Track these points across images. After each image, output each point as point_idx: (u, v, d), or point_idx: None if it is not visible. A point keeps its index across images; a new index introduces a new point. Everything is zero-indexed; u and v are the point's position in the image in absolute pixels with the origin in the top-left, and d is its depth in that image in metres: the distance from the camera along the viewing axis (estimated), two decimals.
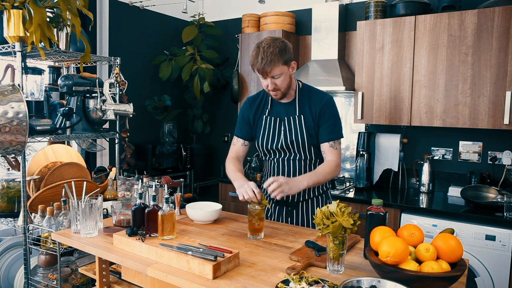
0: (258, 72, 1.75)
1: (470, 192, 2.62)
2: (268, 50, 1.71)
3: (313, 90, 1.93)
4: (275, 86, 1.78)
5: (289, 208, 1.96)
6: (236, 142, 2.00)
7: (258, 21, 3.61)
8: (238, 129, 2.01)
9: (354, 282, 1.10)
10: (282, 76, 1.76)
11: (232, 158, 1.97)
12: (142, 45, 3.74)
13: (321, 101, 1.87)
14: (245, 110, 1.99)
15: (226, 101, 4.11)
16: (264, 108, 1.95)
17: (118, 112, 2.42)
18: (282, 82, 1.78)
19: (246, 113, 1.98)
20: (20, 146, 1.84)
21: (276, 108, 1.93)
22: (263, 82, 1.80)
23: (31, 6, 1.91)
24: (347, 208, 1.31)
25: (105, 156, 3.43)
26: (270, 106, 1.94)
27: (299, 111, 1.88)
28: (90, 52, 2.18)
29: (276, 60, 1.71)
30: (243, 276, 1.27)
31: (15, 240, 2.41)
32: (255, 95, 2.02)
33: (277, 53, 1.71)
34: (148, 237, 1.49)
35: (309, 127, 1.86)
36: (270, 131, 1.91)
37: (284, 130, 1.88)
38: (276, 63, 1.72)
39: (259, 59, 1.72)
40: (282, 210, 1.98)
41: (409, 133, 3.13)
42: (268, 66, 1.71)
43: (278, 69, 1.74)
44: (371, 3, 2.98)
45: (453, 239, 1.18)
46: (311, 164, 1.91)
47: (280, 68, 1.74)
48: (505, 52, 2.45)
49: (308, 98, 1.89)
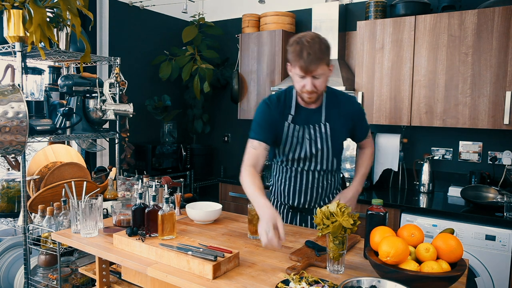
0: (300, 69, 1.56)
1: (470, 192, 2.62)
2: (314, 46, 1.54)
3: (338, 94, 1.79)
4: (313, 88, 1.60)
5: (303, 214, 1.89)
6: (257, 147, 1.69)
7: (258, 21, 3.61)
8: (258, 131, 1.72)
9: (354, 282, 1.10)
10: (322, 77, 1.60)
11: (249, 168, 1.66)
12: (142, 45, 3.74)
13: (353, 105, 1.79)
14: (269, 112, 1.74)
15: (226, 101, 4.11)
16: (286, 114, 1.74)
17: (118, 112, 2.42)
18: (321, 83, 1.61)
19: (270, 115, 1.74)
20: (20, 146, 1.84)
21: (300, 115, 1.74)
22: (299, 82, 1.61)
23: (31, 6, 1.91)
24: (347, 208, 1.31)
25: (105, 156, 3.43)
26: (294, 111, 1.74)
27: (326, 118, 1.73)
28: (90, 52, 2.18)
29: (323, 58, 1.55)
30: (243, 276, 1.27)
31: (15, 240, 2.41)
32: (277, 97, 1.78)
33: (324, 50, 1.55)
34: (148, 237, 1.49)
35: (335, 134, 1.74)
36: (293, 140, 1.74)
37: (309, 140, 1.73)
38: (322, 62, 1.55)
39: (304, 55, 1.53)
40: (296, 215, 1.90)
41: (409, 133, 3.13)
42: (314, 64, 1.54)
43: (322, 69, 1.57)
44: (371, 3, 2.98)
45: (453, 239, 1.18)
46: (328, 174, 1.83)
47: (323, 68, 1.57)
48: (505, 52, 2.45)
49: (336, 104, 1.75)
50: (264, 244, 1.34)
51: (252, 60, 3.55)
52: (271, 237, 1.33)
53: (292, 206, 1.89)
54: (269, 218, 1.39)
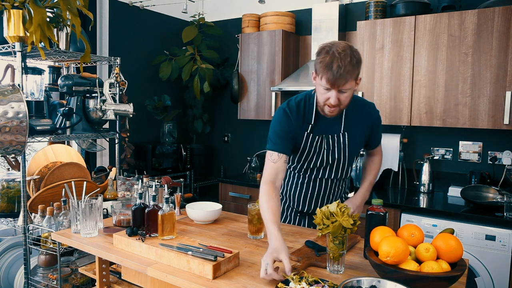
0: (327, 82, 1.45)
1: (470, 192, 2.62)
2: (345, 58, 1.42)
3: (359, 103, 1.72)
4: (337, 102, 1.49)
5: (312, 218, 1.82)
6: (277, 160, 1.59)
7: (258, 21, 3.61)
8: (278, 142, 1.62)
9: (354, 282, 1.10)
10: (349, 91, 1.49)
11: (268, 185, 1.54)
12: (142, 45, 3.74)
13: (371, 115, 1.75)
14: (289, 122, 1.64)
15: (226, 101, 4.11)
16: (306, 123, 1.66)
17: (118, 112, 2.42)
18: (346, 98, 1.50)
19: (290, 125, 1.64)
20: (20, 146, 1.84)
21: (319, 124, 1.67)
22: (323, 94, 1.51)
23: (31, 6, 1.91)
24: (347, 208, 1.31)
25: (105, 156, 3.43)
26: (313, 121, 1.66)
27: (345, 128, 1.67)
28: (90, 52, 2.18)
29: (353, 72, 1.44)
30: (243, 276, 1.27)
31: (15, 240, 2.41)
32: (296, 104, 1.67)
33: (355, 64, 1.44)
34: (148, 237, 1.49)
35: (353, 144, 1.69)
36: (311, 149, 1.68)
37: (327, 149, 1.68)
38: (352, 77, 1.45)
39: (334, 67, 1.41)
40: (304, 218, 1.89)
41: (409, 133, 3.13)
42: (344, 78, 1.43)
43: (350, 84, 1.46)
44: (371, 3, 2.98)
45: (453, 239, 1.18)
46: (340, 183, 1.84)
47: (352, 83, 1.47)
48: (505, 52, 2.45)
49: (356, 111, 1.69)
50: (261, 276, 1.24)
51: (252, 60, 3.55)
52: (269, 273, 1.21)
53: (301, 210, 1.88)
54: (272, 250, 1.28)
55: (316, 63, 1.49)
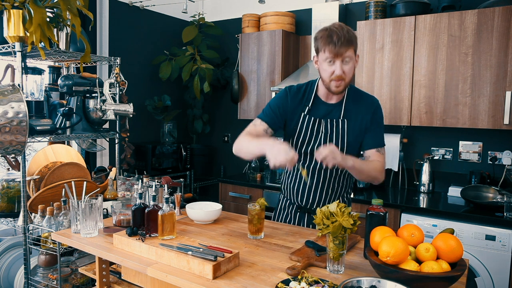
0: (330, 52, 1.55)
1: (470, 192, 2.62)
2: (343, 30, 1.54)
3: (361, 93, 1.77)
4: (342, 74, 1.58)
5: (311, 215, 1.85)
6: (258, 125, 1.74)
7: (258, 21, 3.61)
8: (266, 113, 1.76)
9: (354, 282, 1.10)
10: (351, 62, 1.59)
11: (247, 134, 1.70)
12: (142, 45, 3.74)
13: (373, 105, 1.73)
14: (285, 99, 1.74)
15: (226, 101, 4.11)
16: (304, 105, 1.73)
17: (118, 112, 2.42)
18: (350, 70, 1.60)
19: (283, 104, 1.74)
20: (20, 146, 1.84)
21: (318, 108, 1.72)
22: (328, 69, 1.59)
23: (31, 6, 1.91)
24: (347, 208, 1.31)
25: (105, 156, 3.43)
26: (311, 104, 1.72)
27: (344, 114, 1.70)
28: (90, 52, 2.18)
29: (352, 41, 1.56)
30: (243, 276, 1.27)
31: (15, 240, 2.41)
32: (298, 87, 1.77)
33: (352, 36, 1.56)
34: (148, 237, 1.49)
35: (352, 132, 1.70)
36: (308, 132, 1.72)
37: (325, 133, 1.70)
38: (351, 45, 1.56)
39: (334, 38, 1.53)
40: (304, 216, 1.88)
41: (409, 133, 3.13)
42: (345, 46, 1.53)
43: (351, 52, 1.56)
44: (371, 3, 2.98)
45: (453, 239, 1.18)
46: (340, 176, 1.79)
47: (352, 52, 1.57)
48: (505, 52, 2.45)
49: (357, 102, 1.72)
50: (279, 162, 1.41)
51: (252, 60, 3.55)
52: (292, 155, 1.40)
53: (300, 206, 1.88)
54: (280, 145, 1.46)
55: (316, 43, 1.60)
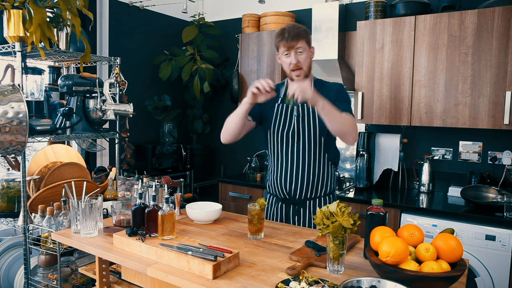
0: (283, 46, 1.82)
1: (470, 192, 2.62)
2: (293, 27, 1.82)
3: (325, 82, 1.99)
4: (298, 62, 1.82)
5: (295, 207, 1.96)
6: None
7: (258, 21, 3.61)
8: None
9: (354, 282, 1.10)
10: (305, 53, 1.84)
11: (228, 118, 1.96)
12: (142, 45, 3.74)
13: (335, 86, 1.93)
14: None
15: (226, 101, 4.11)
16: (277, 97, 1.93)
17: (118, 112, 2.42)
18: (305, 59, 1.84)
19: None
20: (20, 146, 1.84)
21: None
22: (286, 61, 1.85)
23: (31, 6, 1.91)
24: (347, 208, 1.31)
25: (105, 156, 3.43)
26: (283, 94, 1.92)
27: None
28: (90, 52, 2.18)
29: (302, 34, 1.81)
30: (243, 276, 1.27)
31: (15, 240, 2.41)
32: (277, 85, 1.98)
33: (302, 30, 1.82)
34: (148, 237, 1.49)
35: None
36: (282, 117, 1.94)
37: (296, 116, 1.91)
38: (301, 38, 1.81)
39: (285, 34, 1.81)
40: (289, 208, 1.97)
41: (409, 133, 3.13)
42: (295, 38, 1.79)
43: (302, 43, 1.81)
44: (371, 3, 2.98)
45: (453, 239, 1.18)
46: (320, 157, 1.91)
47: (304, 43, 1.82)
48: (505, 52, 2.45)
49: (323, 88, 1.91)
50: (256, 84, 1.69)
51: (252, 60, 3.55)
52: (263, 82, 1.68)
53: (284, 197, 1.96)
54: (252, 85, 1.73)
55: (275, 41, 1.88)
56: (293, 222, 1.97)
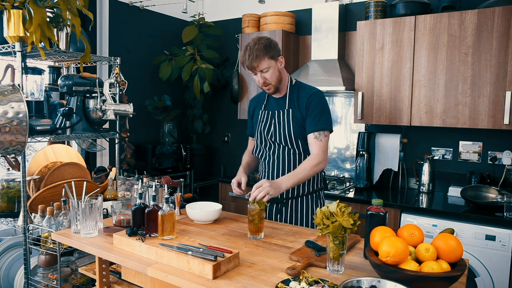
0: (248, 69, 1.88)
1: (470, 192, 2.62)
2: (254, 47, 1.84)
3: (302, 86, 2.02)
4: (265, 80, 1.89)
5: (278, 206, 2.04)
6: (250, 140, 2.28)
7: (258, 21, 3.61)
8: (248, 128, 2.24)
9: (354, 282, 1.10)
10: (270, 70, 1.88)
11: (247, 151, 2.25)
12: (142, 45, 3.74)
13: (308, 94, 1.95)
14: (250, 109, 2.18)
15: (226, 101, 4.11)
16: (261, 104, 2.10)
17: (118, 112, 2.42)
18: (271, 75, 1.89)
19: (250, 112, 2.18)
20: (20, 146, 1.84)
21: (270, 103, 2.07)
22: (255, 78, 1.92)
23: (31, 6, 1.90)
24: (347, 208, 1.31)
25: (105, 156, 3.43)
26: (266, 101, 2.09)
27: (289, 105, 1.98)
28: (90, 52, 2.18)
29: (262, 55, 1.84)
30: (243, 276, 1.27)
31: (15, 240, 2.41)
32: (258, 94, 2.18)
33: (262, 49, 1.84)
34: (148, 237, 1.49)
35: (297, 120, 1.95)
36: (263, 123, 2.04)
37: (275, 123, 2.00)
38: (262, 57, 1.84)
39: (246, 56, 1.86)
40: (272, 207, 2.07)
41: (409, 133, 3.13)
42: (255, 61, 1.84)
43: (265, 63, 1.85)
44: (371, 3, 2.98)
45: (453, 239, 1.18)
46: (300, 157, 1.98)
47: (267, 62, 1.86)
48: (505, 52, 2.45)
49: (297, 93, 1.98)
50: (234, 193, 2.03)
51: None
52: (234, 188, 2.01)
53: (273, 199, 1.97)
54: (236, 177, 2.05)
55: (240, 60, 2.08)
56: (275, 220, 2.04)
